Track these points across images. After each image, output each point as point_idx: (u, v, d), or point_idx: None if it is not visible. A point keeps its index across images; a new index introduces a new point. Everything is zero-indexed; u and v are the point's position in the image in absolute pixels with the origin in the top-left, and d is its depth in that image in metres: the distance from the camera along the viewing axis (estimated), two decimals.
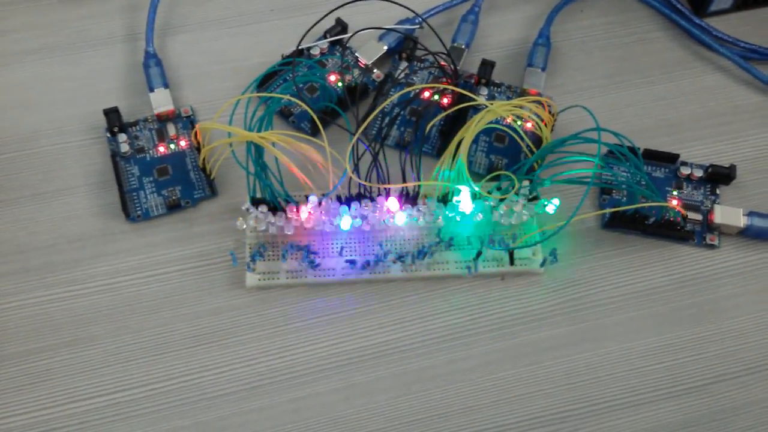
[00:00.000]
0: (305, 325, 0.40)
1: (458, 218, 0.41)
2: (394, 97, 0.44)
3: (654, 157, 0.44)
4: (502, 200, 0.41)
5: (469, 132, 0.39)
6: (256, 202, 0.40)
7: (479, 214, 0.41)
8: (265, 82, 0.46)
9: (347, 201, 0.41)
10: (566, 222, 0.38)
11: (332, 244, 0.41)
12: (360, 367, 0.39)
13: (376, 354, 0.40)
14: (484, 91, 0.46)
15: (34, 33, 0.49)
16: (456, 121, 0.44)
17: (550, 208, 0.41)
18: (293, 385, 0.39)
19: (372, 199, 0.40)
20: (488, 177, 0.42)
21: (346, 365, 0.39)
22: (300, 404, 0.38)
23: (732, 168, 0.44)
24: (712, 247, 0.43)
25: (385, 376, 0.39)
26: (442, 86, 0.43)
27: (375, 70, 0.47)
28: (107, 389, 0.38)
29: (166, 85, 0.46)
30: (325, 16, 0.44)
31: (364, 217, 0.40)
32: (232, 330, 0.40)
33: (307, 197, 0.40)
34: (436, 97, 0.44)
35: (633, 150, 0.40)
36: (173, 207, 0.42)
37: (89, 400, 0.38)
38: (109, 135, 0.44)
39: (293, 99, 0.42)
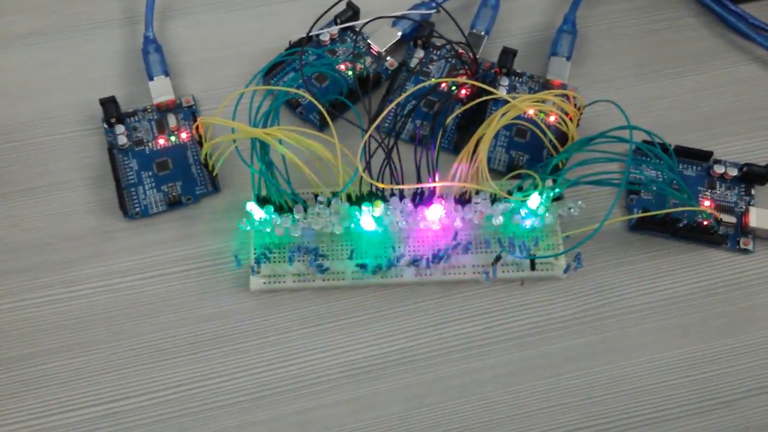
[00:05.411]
0: (312, 332, 0.38)
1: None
2: (409, 92, 0.41)
3: (686, 154, 0.42)
4: (523, 201, 0.38)
5: (490, 129, 0.37)
6: (261, 201, 0.38)
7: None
8: (271, 71, 0.44)
9: (358, 200, 0.38)
10: (598, 227, 0.35)
11: (342, 246, 0.39)
12: (370, 377, 0.38)
13: (387, 363, 0.38)
14: (505, 81, 0.44)
15: (26, 16, 0.47)
16: (474, 114, 0.42)
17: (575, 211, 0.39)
18: (299, 395, 0.37)
19: (385, 200, 0.38)
20: (509, 175, 0.40)
21: (355, 375, 0.38)
22: (306, 416, 0.37)
23: None
24: (746, 251, 0.41)
25: (397, 387, 0.38)
26: (460, 81, 0.41)
27: (388, 58, 0.45)
28: (103, 398, 0.37)
29: (166, 73, 0.44)
30: (338, 2, 0.42)
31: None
32: (235, 336, 0.38)
33: (315, 196, 0.38)
34: (453, 88, 0.41)
35: (665, 149, 0.37)
36: (174, 204, 0.41)
37: (84, 409, 0.37)
38: (105, 126, 0.43)
39: (300, 92, 0.40)
